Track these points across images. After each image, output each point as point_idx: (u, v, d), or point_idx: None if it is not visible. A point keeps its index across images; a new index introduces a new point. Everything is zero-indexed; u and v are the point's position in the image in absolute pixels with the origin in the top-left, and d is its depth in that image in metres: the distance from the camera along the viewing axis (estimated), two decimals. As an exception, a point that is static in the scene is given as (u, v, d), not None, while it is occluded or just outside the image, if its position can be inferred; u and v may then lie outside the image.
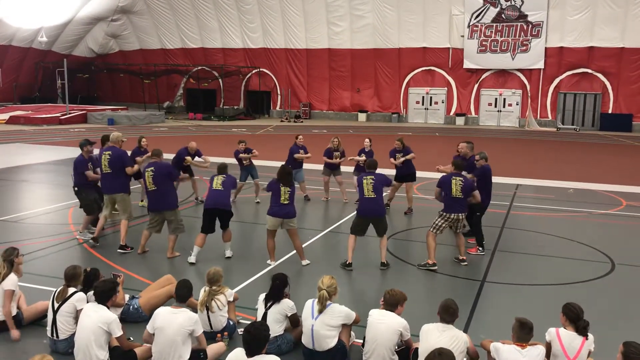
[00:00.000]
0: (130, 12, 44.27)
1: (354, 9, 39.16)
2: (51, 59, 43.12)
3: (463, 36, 38.10)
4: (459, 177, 9.09)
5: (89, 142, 10.50)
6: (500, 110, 38.87)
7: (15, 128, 30.95)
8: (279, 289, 6.16)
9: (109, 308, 5.73)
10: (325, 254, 9.80)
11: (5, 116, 34.23)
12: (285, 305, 6.14)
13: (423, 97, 40.45)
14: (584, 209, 13.72)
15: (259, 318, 6.10)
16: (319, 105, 42.46)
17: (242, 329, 5.12)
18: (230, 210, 9.29)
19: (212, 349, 5.85)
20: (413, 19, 38.37)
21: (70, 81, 37.35)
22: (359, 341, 6.09)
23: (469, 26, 37.91)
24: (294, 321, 6.18)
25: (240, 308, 6.95)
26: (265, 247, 9.30)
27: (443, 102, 40.03)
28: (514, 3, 36.84)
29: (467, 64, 38.57)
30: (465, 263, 9.24)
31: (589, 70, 36.13)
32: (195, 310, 6.11)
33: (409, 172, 12.75)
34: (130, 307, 6.74)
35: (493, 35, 37.62)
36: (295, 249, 9.13)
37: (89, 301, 5.97)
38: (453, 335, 5.34)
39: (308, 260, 9.08)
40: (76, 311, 5.96)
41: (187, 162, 12.61)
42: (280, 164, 9.82)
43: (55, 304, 6.02)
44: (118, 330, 5.59)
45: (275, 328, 5.94)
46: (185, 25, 44.12)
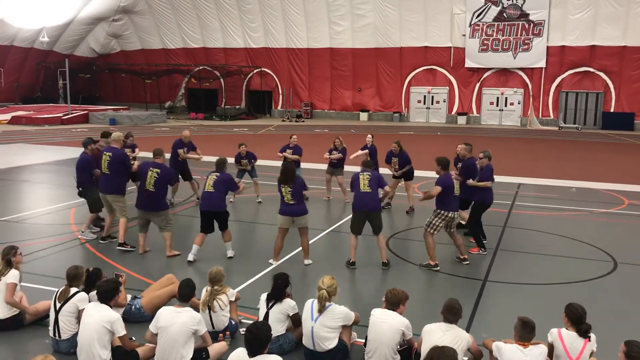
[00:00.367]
0: (132, 12, 44.30)
1: (355, 8, 39.13)
2: (53, 59, 43.16)
3: (464, 35, 38.06)
4: (453, 177, 9.19)
5: (93, 141, 10.50)
6: (502, 109, 38.83)
7: (17, 128, 30.98)
8: (281, 288, 6.16)
9: (111, 308, 5.74)
10: (327, 254, 9.80)
11: (7, 116, 34.27)
12: (286, 305, 6.14)
13: (425, 97, 40.42)
14: (586, 207, 13.71)
15: (261, 318, 6.11)
16: (320, 105, 42.46)
17: (244, 329, 5.11)
18: (225, 211, 9.17)
19: (214, 348, 5.86)
20: (414, 18, 38.35)
21: (71, 81, 37.34)
22: (361, 340, 6.09)
23: (470, 25, 37.87)
24: (295, 321, 6.18)
25: (242, 308, 6.95)
26: (266, 247, 9.30)
27: (445, 102, 40.00)
28: (515, 2, 36.78)
29: (469, 63, 38.53)
30: (467, 262, 9.24)
31: (591, 69, 36.07)
32: (198, 310, 6.11)
33: (406, 171, 12.76)
34: (133, 307, 6.75)
35: (495, 34, 37.57)
36: (301, 247, 9.14)
37: (91, 301, 5.98)
38: (456, 335, 5.34)
39: (311, 260, 9.09)
40: (78, 311, 5.97)
41: (182, 157, 12.66)
42: (281, 164, 9.82)
43: (57, 304, 6.04)
44: (121, 330, 5.60)
45: (277, 328, 5.94)
46: (187, 25, 44.13)
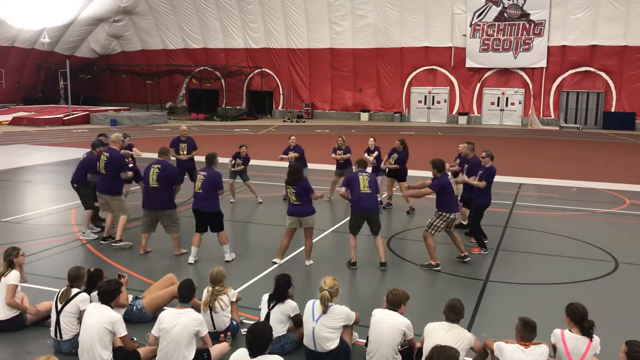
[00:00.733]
0: (133, 13, 44.32)
1: (355, 9, 39.13)
2: (54, 60, 43.19)
3: (465, 35, 38.04)
4: (452, 178, 9.22)
5: (103, 144, 10.49)
6: (503, 109, 38.81)
7: (18, 129, 31.00)
8: (283, 289, 6.16)
9: (112, 308, 5.74)
10: (328, 254, 9.78)
11: (8, 117, 34.30)
12: (288, 306, 6.14)
13: (425, 97, 40.41)
14: (587, 207, 13.70)
15: (262, 318, 6.11)
16: (321, 105, 42.46)
17: (245, 329, 5.12)
18: (216, 212, 9.04)
19: (216, 349, 5.86)
20: (415, 18, 38.34)
21: (72, 82, 37.36)
22: (362, 341, 6.09)
23: (471, 25, 37.85)
24: (296, 322, 6.19)
25: (243, 308, 6.95)
26: (267, 247, 9.29)
27: (445, 102, 39.98)
28: (516, 2, 36.76)
29: (470, 63, 38.51)
30: (468, 258, 9.25)
31: (592, 69, 36.05)
32: (199, 311, 6.12)
33: (397, 170, 12.76)
34: (134, 308, 6.75)
35: (495, 34, 37.55)
36: (304, 247, 9.14)
37: (92, 301, 5.99)
38: (458, 334, 5.35)
39: (312, 261, 9.08)
40: (79, 312, 5.98)
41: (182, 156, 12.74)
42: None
43: (59, 305, 6.04)
44: (123, 330, 5.61)
45: (278, 328, 5.94)
46: (188, 26, 44.13)
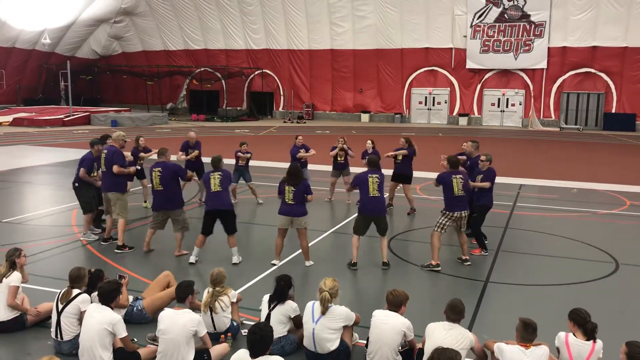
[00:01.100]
0: (133, 14, 44.34)
1: (356, 10, 39.14)
2: (54, 61, 43.21)
3: (466, 36, 38.06)
4: (458, 175, 9.06)
5: (100, 142, 10.51)
6: (503, 110, 38.81)
7: (19, 130, 31.02)
8: (284, 290, 6.16)
9: (112, 309, 5.75)
10: (329, 255, 9.79)
11: (9, 118, 34.30)
12: (288, 307, 6.15)
13: (426, 98, 40.42)
14: (588, 208, 13.70)
15: (263, 319, 6.11)
16: (321, 106, 42.46)
17: (246, 330, 5.12)
18: (233, 210, 9.21)
19: (216, 350, 5.86)
20: (415, 19, 38.36)
21: (73, 83, 37.36)
22: (362, 342, 6.09)
23: (471, 26, 37.87)
24: (297, 322, 6.19)
25: (243, 309, 6.96)
26: (268, 248, 9.28)
27: (446, 103, 39.99)
28: (516, 3, 36.78)
29: (470, 64, 38.53)
30: (469, 263, 9.24)
31: (592, 70, 36.05)
32: (199, 312, 6.11)
33: (403, 173, 12.63)
34: (134, 309, 6.75)
35: (496, 35, 37.57)
36: (301, 249, 9.14)
37: (92, 302, 5.99)
38: (459, 334, 5.35)
39: (312, 262, 9.08)
40: (80, 312, 5.98)
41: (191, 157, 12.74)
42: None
43: (60, 305, 6.05)
44: (123, 331, 5.61)
45: (278, 329, 5.94)
46: (188, 27, 44.16)
